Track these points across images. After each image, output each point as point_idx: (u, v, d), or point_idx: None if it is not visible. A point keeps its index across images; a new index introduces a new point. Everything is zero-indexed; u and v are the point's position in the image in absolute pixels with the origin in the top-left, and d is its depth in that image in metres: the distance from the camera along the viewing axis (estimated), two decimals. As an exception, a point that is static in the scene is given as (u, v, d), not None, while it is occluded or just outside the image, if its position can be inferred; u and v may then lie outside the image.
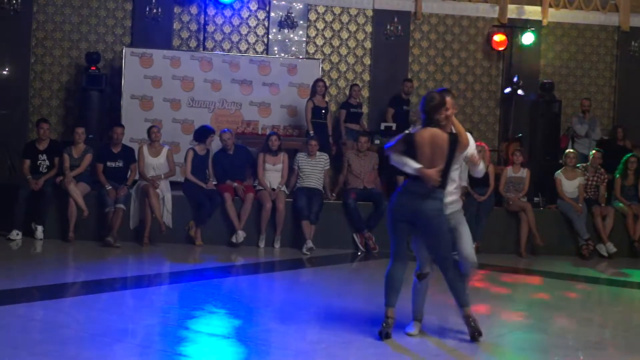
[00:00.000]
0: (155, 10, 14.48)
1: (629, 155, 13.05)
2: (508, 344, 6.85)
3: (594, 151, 12.96)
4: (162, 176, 11.51)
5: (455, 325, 6.94)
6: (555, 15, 15.99)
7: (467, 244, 6.80)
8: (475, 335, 6.58)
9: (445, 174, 6.42)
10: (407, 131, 6.63)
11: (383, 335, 6.55)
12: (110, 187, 11.25)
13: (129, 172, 11.64)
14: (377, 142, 13.31)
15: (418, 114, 6.72)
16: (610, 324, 7.98)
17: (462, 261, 6.81)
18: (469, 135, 6.76)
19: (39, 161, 11.53)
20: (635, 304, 9.37)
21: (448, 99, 6.54)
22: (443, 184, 6.44)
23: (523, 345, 6.83)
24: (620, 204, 12.67)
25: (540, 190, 13.07)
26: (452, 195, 6.70)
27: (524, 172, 12.49)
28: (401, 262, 6.69)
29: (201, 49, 14.81)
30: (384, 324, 6.62)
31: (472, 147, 6.83)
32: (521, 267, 11.40)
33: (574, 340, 7.01)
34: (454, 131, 6.56)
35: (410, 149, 6.43)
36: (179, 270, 9.90)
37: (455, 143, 6.45)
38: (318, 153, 12.09)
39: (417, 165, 6.36)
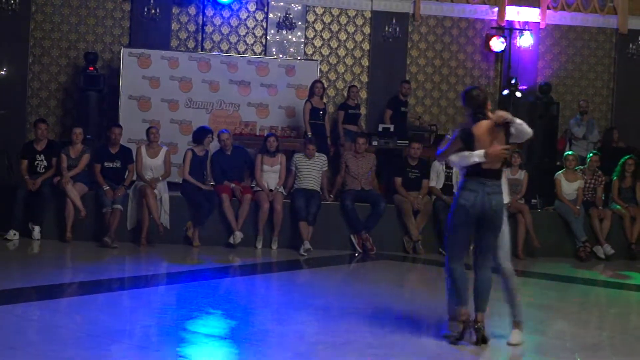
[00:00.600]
0: (153, 11, 14.48)
1: (626, 157, 13.05)
2: (506, 346, 6.84)
3: (591, 154, 12.96)
4: (160, 179, 11.51)
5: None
6: (554, 17, 16.01)
7: (506, 254, 6.80)
8: (483, 339, 6.60)
9: (503, 166, 6.58)
10: (459, 129, 6.72)
11: (479, 340, 6.56)
12: (107, 187, 11.24)
13: (127, 173, 11.62)
14: (375, 143, 13.31)
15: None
16: (607, 326, 7.98)
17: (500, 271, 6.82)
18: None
19: (37, 161, 11.52)
20: (633, 306, 9.37)
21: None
22: (508, 163, 6.69)
23: (521, 347, 6.83)
24: (618, 206, 12.68)
25: (538, 192, 13.06)
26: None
27: (522, 174, 12.49)
28: (461, 262, 6.69)
29: (199, 49, 14.81)
30: (476, 328, 6.59)
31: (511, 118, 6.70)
32: (519, 269, 11.32)
33: (571, 342, 7.02)
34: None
35: (470, 143, 6.51)
36: (177, 271, 9.90)
37: (508, 128, 6.57)
38: (316, 154, 12.08)
39: (481, 151, 6.43)
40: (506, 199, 6.75)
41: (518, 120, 6.62)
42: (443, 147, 6.81)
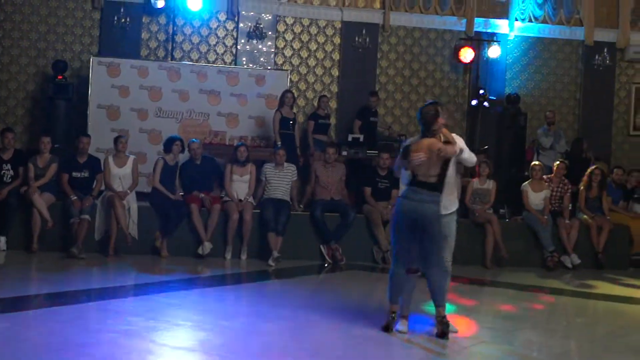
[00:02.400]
0: (123, 20, 14.46)
1: (593, 167, 13.17)
2: (474, 355, 6.88)
3: (558, 162, 13.07)
4: (129, 192, 11.45)
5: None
6: (522, 28, 16.14)
7: (448, 255, 7.38)
8: (442, 334, 7.02)
9: (442, 179, 7.03)
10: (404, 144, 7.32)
11: (385, 328, 7.16)
12: (75, 197, 11.16)
13: (95, 183, 11.55)
14: (344, 153, 13.35)
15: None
16: (574, 335, 8.03)
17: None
18: (456, 136, 7.31)
19: (3, 171, 11.40)
20: (599, 315, 9.45)
21: (439, 109, 7.18)
22: (440, 188, 7.03)
23: (488, 356, 6.87)
24: (585, 216, 12.79)
25: (506, 202, 13.15)
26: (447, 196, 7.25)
27: (490, 184, 12.56)
28: (404, 263, 7.17)
29: (169, 58, 14.78)
30: (390, 318, 7.20)
31: (460, 145, 7.24)
32: (487, 278, 11.45)
33: (538, 352, 7.07)
34: (446, 139, 7.12)
35: (407, 158, 7.02)
36: (145, 282, 9.80)
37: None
38: (285, 164, 12.08)
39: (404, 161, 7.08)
40: (453, 207, 7.41)
41: (464, 154, 7.20)
42: (396, 164, 7.40)
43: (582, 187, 12.98)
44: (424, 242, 7.03)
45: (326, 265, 11.66)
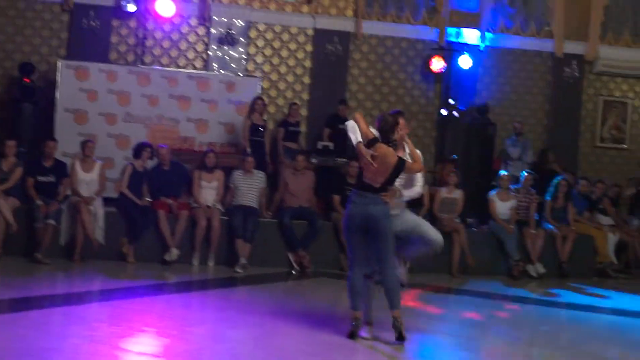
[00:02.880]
0: (93, 23, 14.36)
1: (560, 178, 13.29)
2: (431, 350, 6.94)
3: (525, 173, 13.19)
4: (95, 197, 11.38)
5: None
6: (493, 39, 16.23)
7: (430, 229, 7.56)
8: (400, 337, 7.09)
9: (386, 187, 7.15)
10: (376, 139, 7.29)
11: (350, 335, 7.20)
12: (40, 202, 11.07)
13: (61, 187, 11.46)
14: (314, 161, 13.36)
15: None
16: (538, 343, 8.08)
17: (429, 243, 7.51)
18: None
19: (-33, 174, 11.30)
20: (563, 323, 9.53)
21: (401, 120, 7.26)
22: (384, 190, 7.13)
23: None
24: (550, 226, 12.89)
25: (474, 211, 13.23)
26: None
27: (458, 193, 12.64)
28: (359, 268, 7.26)
29: (139, 63, 14.69)
30: (353, 325, 7.25)
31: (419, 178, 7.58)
32: (453, 286, 11.51)
33: (502, 359, 7.11)
34: (406, 154, 7.27)
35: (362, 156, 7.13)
36: (110, 288, 9.76)
37: (400, 168, 7.17)
38: (255, 171, 12.08)
39: (358, 140, 7.18)
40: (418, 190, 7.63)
41: (410, 194, 7.55)
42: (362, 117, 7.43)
43: (548, 198, 13.09)
44: (376, 244, 7.18)
45: (293, 272, 11.66)
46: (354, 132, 7.27)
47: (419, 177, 7.54)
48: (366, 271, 7.34)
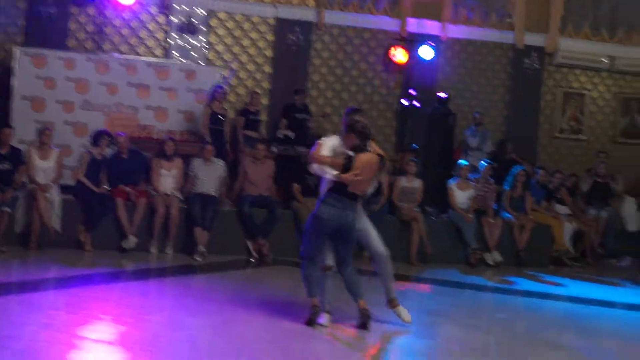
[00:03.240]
0: (50, 10, 14.17)
1: (518, 168, 13.40)
2: (396, 349, 6.95)
3: (484, 163, 13.28)
4: (52, 185, 11.27)
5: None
6: (454, 30, 16.28)
7: (378, 242, 7.57)
8: (363, 325, 7.19)
9: (366, 192, 7.35)
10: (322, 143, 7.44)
11: (308, 322, 7.24)
12: (-5, 189, 10.94)
13: (16, 175, 11.31)
14: (274, 150, 13.34)
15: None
16: (494, 331, 8.15)
17: (376, 257, 7.59)
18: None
19: None
20: (519, 310, 9.60)
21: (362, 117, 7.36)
22: (364, 196, 7.28)
23: (410, 350, 6.95)
24: (508, 215, 13.00)
25: (433, 200, 13.29)
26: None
27: (417, 183, 12.70)
28: (316, 262, 7.37)
29: (98, 51, 14.53)
30: (311, 312, 7.28)
31: None
32: (411, 274, 11.56)
33: (460, 346, 7.15)
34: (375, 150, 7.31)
35: (350, 169, 7.12)
36: (67, 276, 9.62)
37: (383, 164, 7.30)
38: (214, 159, 12.04)
39: (334, 172, 7.17)
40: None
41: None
42: (319, 152, 7.38)
43: (506, 187, 13.20)
44: (341, 246, 7.28)
45: (252, 260, 11.65)
46: (324, 170, 7.31)
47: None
48: (321, 264, 7.39)
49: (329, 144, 7.39)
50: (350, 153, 7.20)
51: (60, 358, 5.78)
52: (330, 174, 7.24)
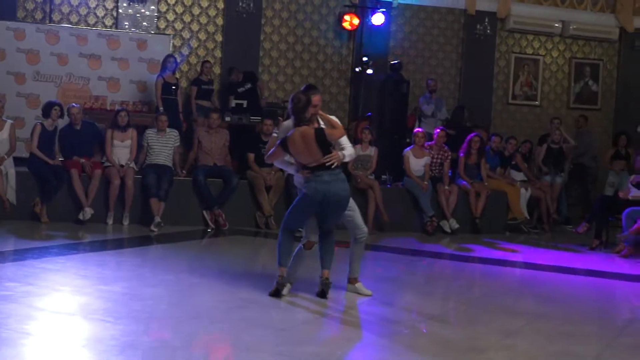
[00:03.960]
0: (-2, -20, 13.92)
1: (473, 135, 13.47)
2: (355, 316, 7.02)
3: (438, 130, 13.35)
4: (6, 157, 11.13)
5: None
6: (405, -4, 16.30)
7: (362, 221, 7.72)
8: (322, 293, 7.30)
9: (327, 162, 7.14)
10: (276, 136, 7.73)
11: (274, 292, 7.28)
12: (-52, 162, 10.79)
13: (-31, 147, 11.18)
14: (227, 119, 13.29)
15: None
16: (452, 297, 8.27)
17: (359, 237, 7.68)
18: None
19: None
20: (476, 277, 9.72)
21: (315, 97, 7.25)
22: (330, 165, 7.17)
23: (369, 318, 7.01)
24: (464, 182, 13.10)
25: (388, 168, 13.34)
26: None
27: (372, 150, 12.74)
28: (292, 234, 7.47)
29: (47, 21, 14.32)
30: (277, 282, 7.31)
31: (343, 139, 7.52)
32: (368, 242, 11.57)
33: (417, 313, 7.24)
34: (321, 125, 7.29)
35: (287, 150, 7.22)
36: (24, 248, 9.54)
37: (321, 135, 7.15)
38: (168, 130, 11.97)
39: (295, 167, 7.35)
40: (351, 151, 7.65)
41: (347, 153, 7.45)
42: (269, 151, 7.58)
43: (461, 154, 13.28)
44: (332, 216, 7.32)
45: (209, 230, 11.64)
46: (285, 163, 7.55)
47: (344, 140, 7.53)
48: (304, 240, 7.47)
49: (281, 135, 7.41)
50: (279, 133, 7.49)
51: (19, 330, 5.74)
52: (293, 169, 7.44)
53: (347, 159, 7.62)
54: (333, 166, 7.16)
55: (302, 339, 6.05)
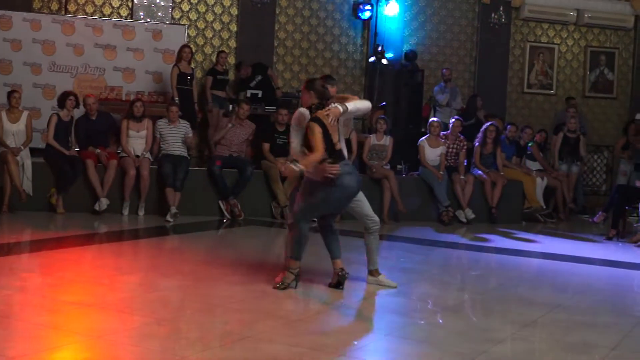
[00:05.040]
0: (14, -29, 13.95)
1: (488, 124, 13.43)
2: (370, 306, 7.01)
3: (454, 119, 13.31)
4: (22, 148, 11.18)
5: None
6: (420, -14, 16.25)
7: (369, 208, 7.55)
8: (337, 285, 7.26)
9: (332, 149, 6.94)
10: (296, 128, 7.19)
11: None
12: (-35, 153, 10.84)
13: (-14, 138, 11.23)
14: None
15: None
16: (468, 288, 8.24)
17: (371, 227, 7.53)
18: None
19: None
20: (492, 267, 9.68)
21: (333, 88, 7.21)
22: (341, 156, 7.06)
23: (384, 308, 7.00)
24: (479, 172, 13.07)
25: (403, 157, 13.32)
26: None
27: (387, 140, 12.72)
28: (310, 222, 7.26)
29: (63, 12, 14.36)
30: (295, 277, 7.23)
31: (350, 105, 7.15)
32: (384, 233, 11.57)
33: (433, 304, 7.22)
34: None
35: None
36: (40, 239, 9.61)
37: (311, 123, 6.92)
38: (180, 120, 11.96)
39: (317, 158, 6.84)
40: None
41: (350, 107, 7.04)
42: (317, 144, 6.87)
43: (477, 144, 13.24)
44: (342, 208, 7.42)
45: (225, 220, 11.66)
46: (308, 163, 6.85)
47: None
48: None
49: (302, 123, 7.06)
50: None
51: (35, 321, 5.76)
52: (307, 165, 6.81)
53: (351, 108, 7.12)
54: (330, 120, 6.90)
55: (317, 330, 6.04)
